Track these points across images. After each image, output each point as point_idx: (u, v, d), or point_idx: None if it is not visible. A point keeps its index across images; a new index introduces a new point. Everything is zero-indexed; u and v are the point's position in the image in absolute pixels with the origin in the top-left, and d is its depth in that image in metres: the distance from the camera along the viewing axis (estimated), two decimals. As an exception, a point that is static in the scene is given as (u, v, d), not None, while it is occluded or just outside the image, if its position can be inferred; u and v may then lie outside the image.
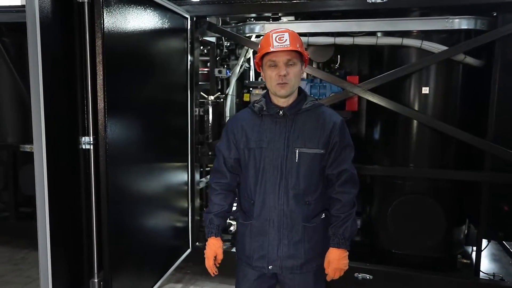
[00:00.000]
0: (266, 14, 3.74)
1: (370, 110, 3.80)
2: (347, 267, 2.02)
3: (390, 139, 3.61)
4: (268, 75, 1.94)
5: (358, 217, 4.17)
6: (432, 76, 3.32)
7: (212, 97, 3.99)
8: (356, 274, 3.39)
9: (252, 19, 3.96)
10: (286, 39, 1.88)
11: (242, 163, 2.05)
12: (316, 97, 3.59)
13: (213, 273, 2.11)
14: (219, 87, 4.34)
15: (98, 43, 2.27)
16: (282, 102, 1.99)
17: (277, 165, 1.95)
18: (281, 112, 1.97)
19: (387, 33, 3.42)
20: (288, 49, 1.87)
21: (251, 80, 4.45)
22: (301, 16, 3.64)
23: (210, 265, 2.08)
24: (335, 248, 1.98)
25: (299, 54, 1.94)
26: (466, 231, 3.74)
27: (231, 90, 4.19)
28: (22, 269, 3.96)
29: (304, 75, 3.73)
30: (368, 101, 3.51)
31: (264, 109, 2.00)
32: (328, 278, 2.01)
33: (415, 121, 3.36)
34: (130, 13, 2.59)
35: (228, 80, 4.32)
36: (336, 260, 1.98)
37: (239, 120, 2.08)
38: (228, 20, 4.41)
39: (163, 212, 3.22)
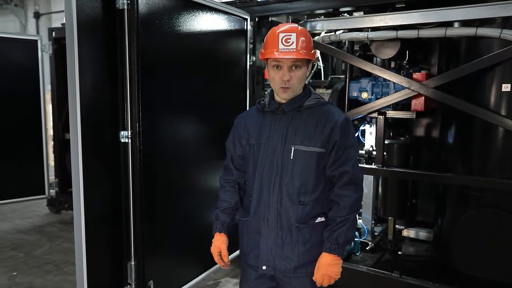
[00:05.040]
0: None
1: (445, 110, 3.38)
2: (338, 276, 1.86)
3: (467, 144, 3.16)
4: (272, 76, 1.88)
5: (423, 229, 3.77)
6: (517, 70, 2.82)
7: (276, 97, 3.98)
8: (415, 292, 3.06)
9: (322, 16, 3.85)
10: (293, 42, 1.78)
11: (244, 159, 2.04)
12: (379, 96, 3.33)
13: (223, 266, 2.13)
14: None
15: (133, 46, 2.47)
16: (284, 99, 1.92)
17: (273, 161, 1.89)
18: (280, 108, 1.90)
19: (464, 23, 3.01)
20: (293, 56, 1.78)
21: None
22: (364, 9, 3.41)
23: (217, 260, 2.11)
24: (326, 253, 1.84)
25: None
26: None
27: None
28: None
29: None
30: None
31: (266, 105, 1.96)
32: (317, 285, 1.87)
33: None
34: (174, 16, 2.76)
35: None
36: (325, 266, 1.83)
37: (244, 117, 2.07)
38: (304, 19, 4.36)
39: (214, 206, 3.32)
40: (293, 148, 1.86)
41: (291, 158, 1.86)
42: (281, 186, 1.88)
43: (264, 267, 1.94)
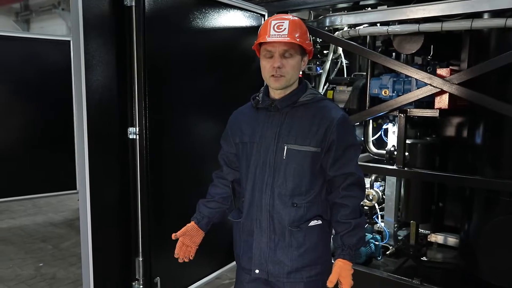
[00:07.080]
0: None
1: (473, 109, 3.15)
2: None
3: (496, 145, 2.94)
4: (263, 65, 1.81)
5: (451, 234, 3.56)
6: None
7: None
8: (435, 302, 2.88)
9: (345, 10, 3.72)
10: (285, 28, 1.72)
11: (237, 158, 1.98)
12: (400, 94, 3.16)
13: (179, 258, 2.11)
14: (313, 85, 4.21)
15: (140, 43, 2.47)
16: (277, 95, 1.84)
17: (266, 161, 1.81)
18: (273, 105, 1.82)
19: (494, 14, 2.80)
20: (285, 40, 1.72)
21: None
22: (387, 2, 3.26)
23: (180, 250, 2.11)
24: (347, 261, 1.73)
25: (299, 45, 1.77)
26: None
27: (321, 87, 4.01)
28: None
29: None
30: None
31: (260, 102, 1.89)
32: None
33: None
34: (185, 13, 2.75)
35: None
36: (350, 277, 1.73)
37: (237, 114, 2.02)
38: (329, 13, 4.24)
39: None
40: (286, 147, 1.78)
41: (284, 158, 1.78)
42: (273, 187, 1.80)
43: (257, 271, 1.87)
